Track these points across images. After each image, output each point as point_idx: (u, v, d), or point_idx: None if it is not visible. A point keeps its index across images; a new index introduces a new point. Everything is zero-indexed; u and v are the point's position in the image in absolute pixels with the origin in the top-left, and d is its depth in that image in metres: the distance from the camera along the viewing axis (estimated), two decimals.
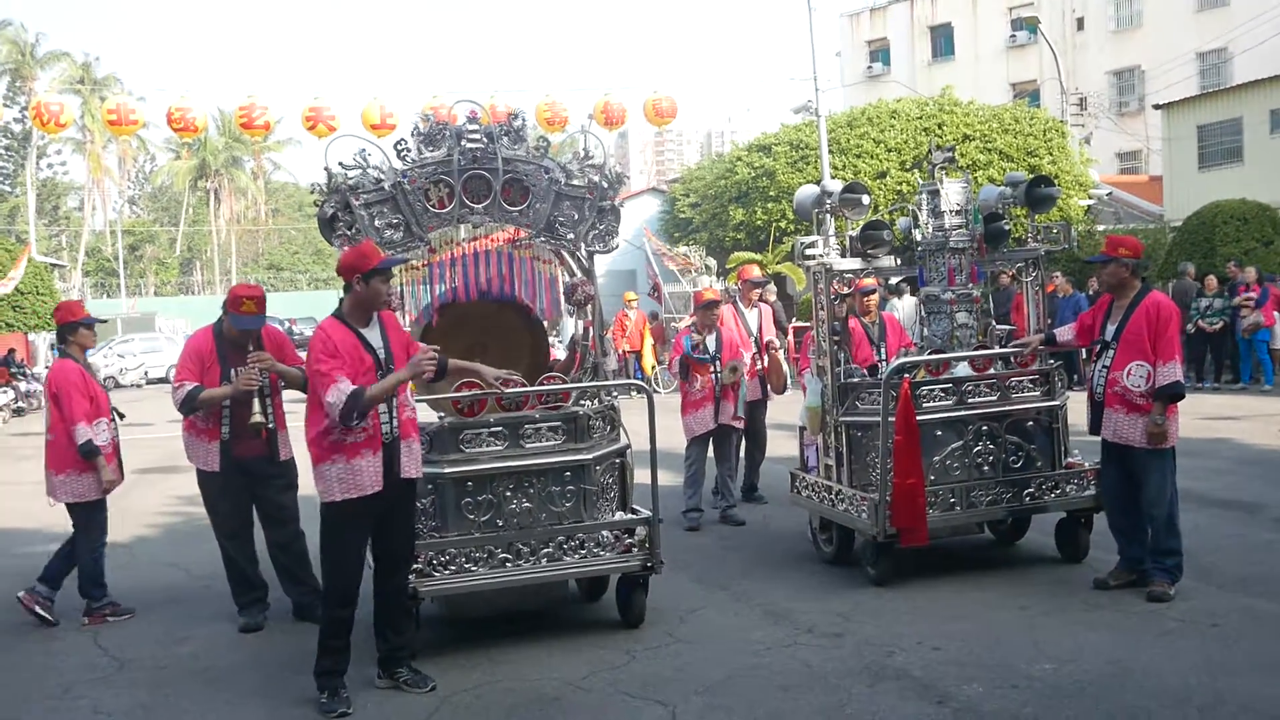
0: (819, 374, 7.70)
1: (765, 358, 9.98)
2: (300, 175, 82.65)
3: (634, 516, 6.57)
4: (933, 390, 7.24)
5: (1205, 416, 14.17)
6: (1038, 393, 7.43)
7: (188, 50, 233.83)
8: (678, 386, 9.82)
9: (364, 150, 6.46)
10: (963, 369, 7.42)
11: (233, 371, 6.75)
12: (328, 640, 5.54)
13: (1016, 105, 32.13)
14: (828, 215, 7.72)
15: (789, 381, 10.68)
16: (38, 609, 7.27)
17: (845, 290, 8.69)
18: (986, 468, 7.26)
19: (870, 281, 8.94)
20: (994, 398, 7.32)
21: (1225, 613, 6.26)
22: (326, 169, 6.39)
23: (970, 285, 7.78)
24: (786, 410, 10.98)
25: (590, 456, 6.39)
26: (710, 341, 9.36)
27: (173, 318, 48.08)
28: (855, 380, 7.65)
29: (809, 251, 7.60)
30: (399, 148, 6.43)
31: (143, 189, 78.51)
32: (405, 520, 5.73)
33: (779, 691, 5.43)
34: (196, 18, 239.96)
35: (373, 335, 5.54)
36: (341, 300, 5.60)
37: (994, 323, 8.25)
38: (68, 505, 7.36)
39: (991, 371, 7.41)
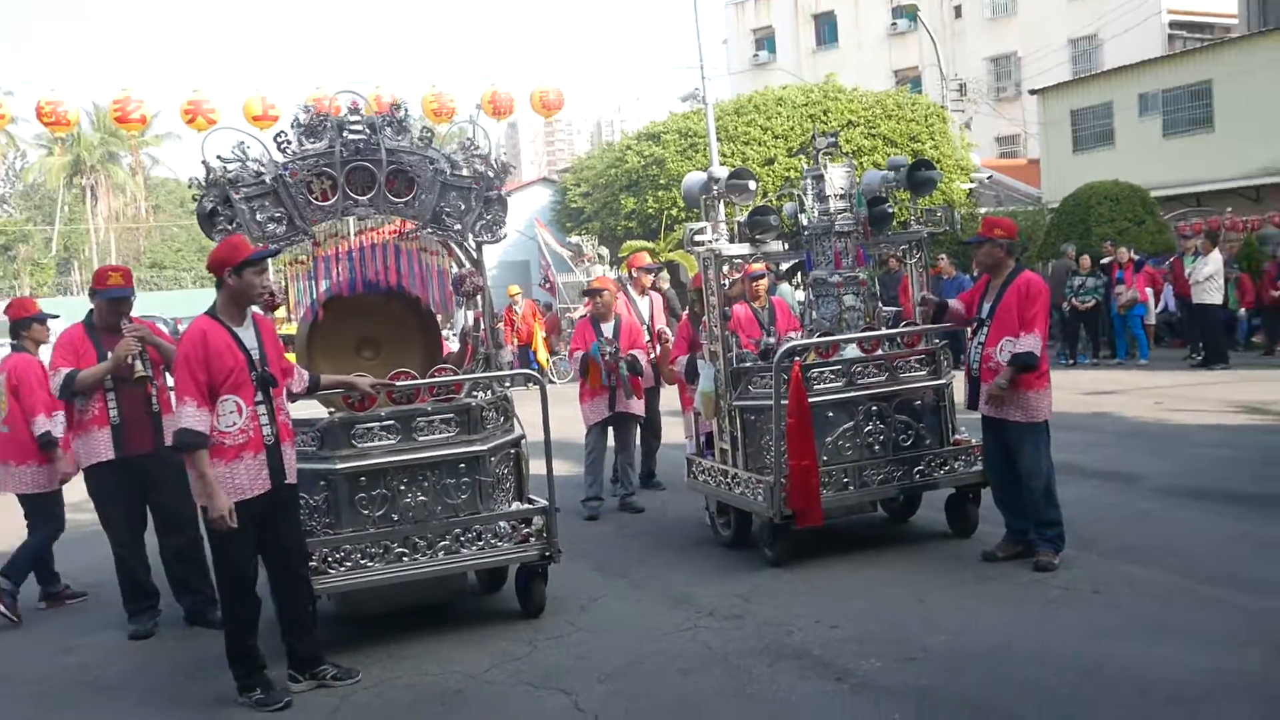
0: (711, 359, 7.75)
1: (657, 346, 10.01)
2: (181, 171, 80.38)
3: (531, 506, 6.54)
4: (823, 372, 7.35)
5: (1085, 392, 14.63)
6: (924, 372, 7.59)
7: (57, 42, 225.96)
8: (574, 376, 9.83)
9: (243, 143, 6.31)
10: (851, 350, 7.54)
11: (109, 355, 6.61)
12: (242, 641, 5.45)
13: (899, 91, 32.75)
14: (716, 201, 7.78)
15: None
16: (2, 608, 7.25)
17: (735, 276, 8.78)
18: (878, 447, 7.40)
19: (759, 266, 9.03)
20: (883, 378, 7.46)
21: (1106, 580, 6.48)
22: (205, 163, 6.23)
23: (857, 268, 7.90)
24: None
25: (485, 448, 6.35)
26: (608, 329, 9.39)
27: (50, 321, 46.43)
28: (747, 364, 7.72)
29: (698, 238, 7.66)
30: (279, 140, 6.29)
31: (14, 187, 75.65)
32: (293, 522, 5.65)
33: (680, 675, 5.47)
34: (66, 7, 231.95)
35: (247, 335, 5.44)
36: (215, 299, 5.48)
37: (881, 305, 8.40)
38: (24, 497, 7.50)
39: (880, 352, 7.55)
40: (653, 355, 9.97)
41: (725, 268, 8.02)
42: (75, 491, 7.44)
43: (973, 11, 43.19)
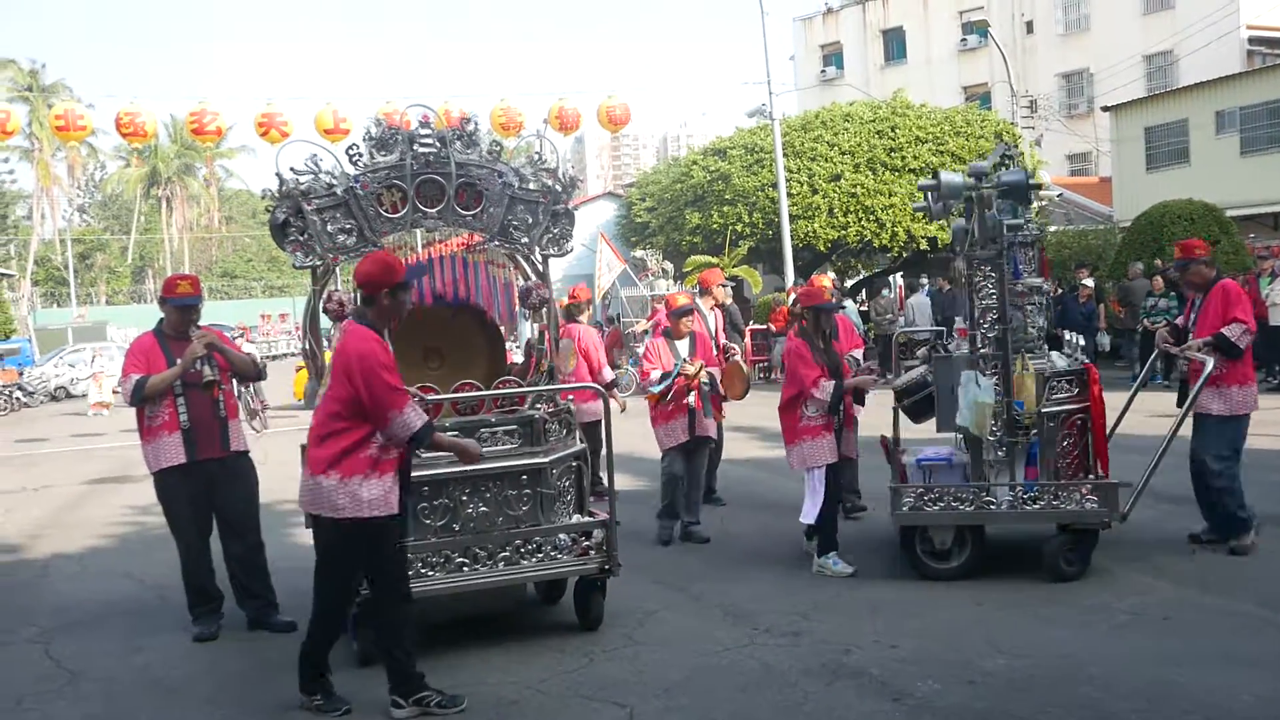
0: (983, 368, 7.24)
1: (724, 361, 9.90)
2: (253, 182, 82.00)
3: (591, 519, 6.57)
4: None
5: (1155, 414, 14.31)
6: None
7: (137, 56, 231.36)
8: (640, 390, 9.70)
9: (316, 155, 6.42)
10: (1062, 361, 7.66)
11: (178, 361, 6.75)
12: (326, 649, 5.46)
13: (968, 108, 32.44)
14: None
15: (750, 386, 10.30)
16: None
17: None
18: None
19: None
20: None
21: (1177, 607, 6.36)
22: (278, 174, 6.34)
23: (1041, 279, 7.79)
24: (744, 413, 11.00)
25: (546, 460, 6.38)
26: (683, 346, 8.93)
27: (125, 327, 47.47)
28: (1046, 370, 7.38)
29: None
30: (351, 153, 6.39)
31: (93, 197, 77.53)
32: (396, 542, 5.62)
33: (737, 691, 5.45)
34: (146, 24, 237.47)
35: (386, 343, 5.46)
36: (360, 310, 5.37)
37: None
38: None
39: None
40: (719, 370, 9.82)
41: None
42: (144, 495, 7.58)
43: (1045, 27, 42.71)
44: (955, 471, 7.52)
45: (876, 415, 8.83)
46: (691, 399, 8.64)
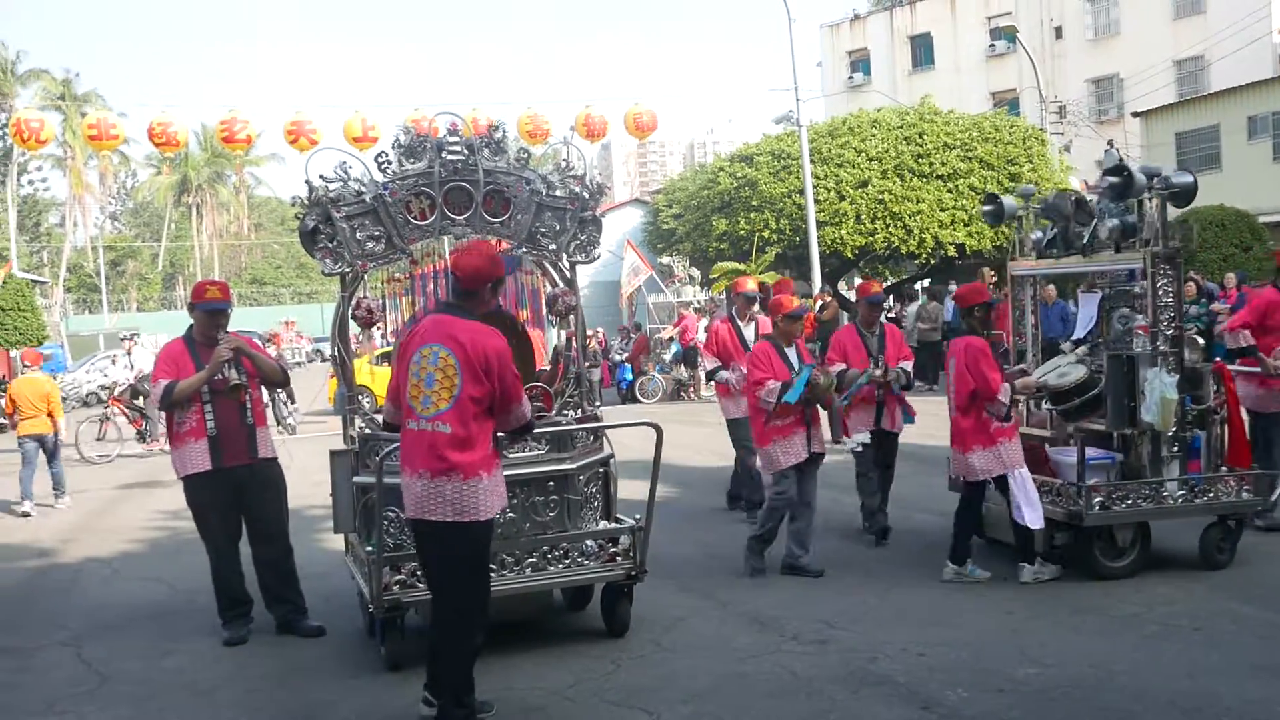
0: (1163, 364, 7.22)
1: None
2: (282, 190, 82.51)
3: (618, 525, 6.57)
4: None
5: None
6: None
7: (169, 66, 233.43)
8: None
9: (345, 163, 6.47)
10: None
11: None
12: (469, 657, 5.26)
13: (996, 114, 32.22)
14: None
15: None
16: None
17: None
18: None
19: (878, 288, 9.17)
20: None
21: (1209, 616, 6.31)
22: (308, 182, 6.40)
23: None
24: None
25: (574, 466, 6.39)
26: (792, 353, 7.92)
27: (156, 333, 47.88)
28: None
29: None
30: (380, 160, 6.43)
31: (124, 205, 78.29)
32: None
33: (764, 699, 5.44)
34: (177, 33, 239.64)
35: None
36: (456, 302, 5.23)
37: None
38: None
39: None
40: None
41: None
42: (174, 500, 7.64)
43: (1074, 33, 42.46)
44: (1114, 470, 7.45)
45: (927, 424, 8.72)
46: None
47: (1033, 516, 7.09)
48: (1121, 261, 7.58)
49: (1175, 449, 7.34)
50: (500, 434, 5.25)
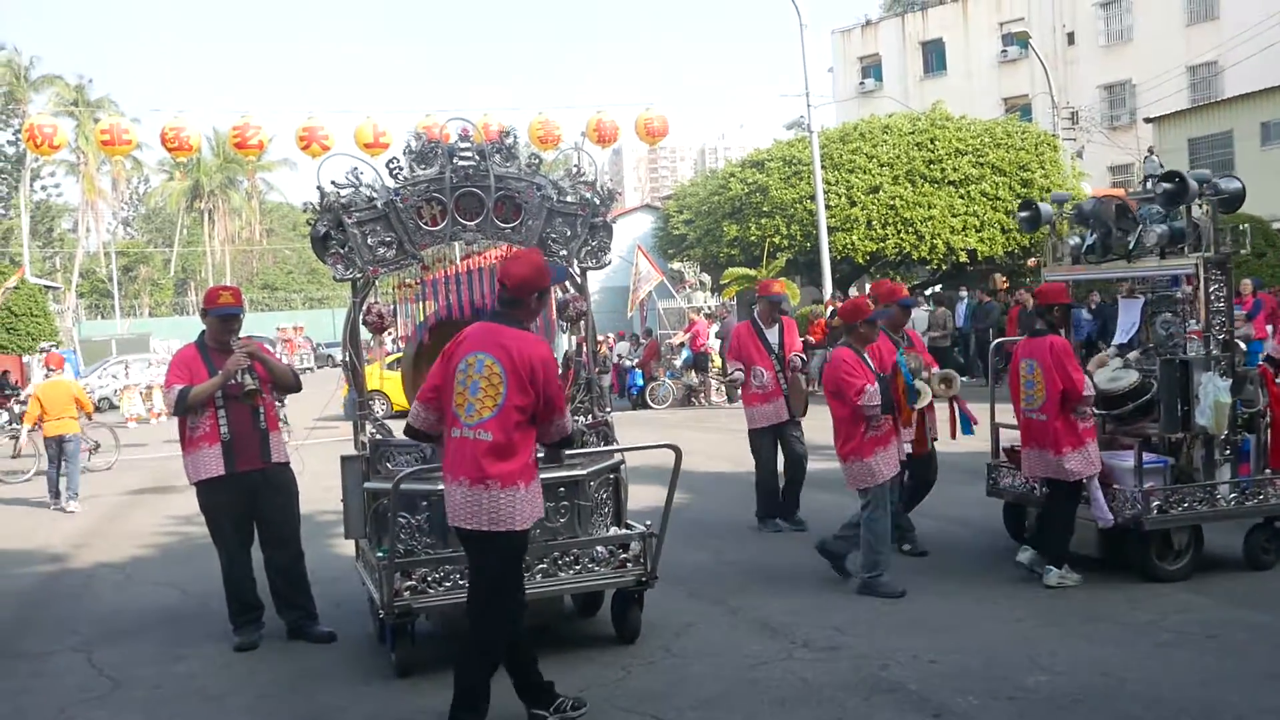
0: (1213, 367, 7.25)
1: (787, 375, 9.50)
2: (294, 195, 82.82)
3: (629, 531, 6.56)
4: None
5: None
6: None
7: (181, 71, 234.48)
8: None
9: (357, 169, 6.49)
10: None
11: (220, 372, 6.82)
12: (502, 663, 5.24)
13: (1008, 120, 32.20)
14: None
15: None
16: None
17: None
18: None
19: (779, 288, 9.67)
20: None
21: (1223, 625, 6.27)
22: (319, 188, 6.42)
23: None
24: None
25: (584, 472, 6.39)
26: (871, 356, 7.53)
27: (168, 339, 48.03)
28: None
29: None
30: (391, 166, 6.45)
31: (137, 210, 78.51)
32: None
33: (774, 705, 5.42)
34: (190, 39, 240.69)
35: None
36: (503, 312, 5.17)
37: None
38: None
39: None
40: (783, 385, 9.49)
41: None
42: (186, 505, 7.66)
43: (1086, 38, 42.40)
44: (1166, 474, 7.40)
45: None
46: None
47: (1106, 517, 7.20)
48: (1169, 267, 7.59)
49: (1227, 452, 7.37)
50: (540, 445, 5.20)
